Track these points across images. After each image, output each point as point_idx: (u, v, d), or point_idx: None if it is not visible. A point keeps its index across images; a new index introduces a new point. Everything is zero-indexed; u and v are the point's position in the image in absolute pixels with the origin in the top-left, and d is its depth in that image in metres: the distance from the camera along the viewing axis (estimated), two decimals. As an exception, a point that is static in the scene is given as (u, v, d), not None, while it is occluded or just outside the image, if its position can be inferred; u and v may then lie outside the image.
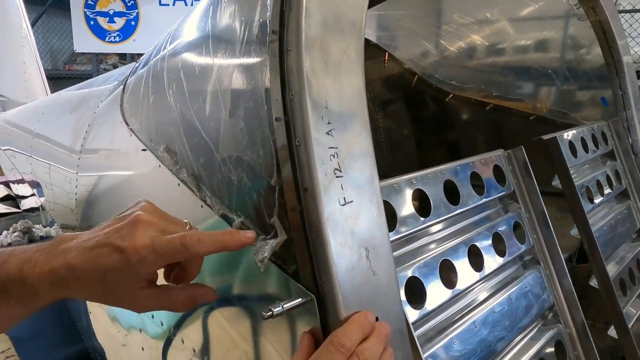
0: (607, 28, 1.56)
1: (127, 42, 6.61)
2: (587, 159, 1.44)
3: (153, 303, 0.63)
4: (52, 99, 2.31)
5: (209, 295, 0.66)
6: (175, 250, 0.60)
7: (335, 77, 0.62)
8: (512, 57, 1.98)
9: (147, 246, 0.59)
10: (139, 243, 0.59)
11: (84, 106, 1.67)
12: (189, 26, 0.99)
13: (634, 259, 1.47)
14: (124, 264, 0.59)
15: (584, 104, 1.88)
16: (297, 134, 0.59)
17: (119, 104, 1.21)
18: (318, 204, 0.58)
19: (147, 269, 0.60)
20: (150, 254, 0.59)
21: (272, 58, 0.62)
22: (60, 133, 1.78)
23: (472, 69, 2.04)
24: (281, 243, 0.62)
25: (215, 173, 0.75)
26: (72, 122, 1.66)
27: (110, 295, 0.62)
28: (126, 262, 0.59)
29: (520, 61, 1.97)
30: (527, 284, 1.08)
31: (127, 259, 0.58)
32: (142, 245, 0.59)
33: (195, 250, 0.60)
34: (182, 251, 0.60)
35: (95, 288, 0.61)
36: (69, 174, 1.49)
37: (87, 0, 6.53)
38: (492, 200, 1.11)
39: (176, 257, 0.61)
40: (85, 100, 1.71)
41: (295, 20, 0.60)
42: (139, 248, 0.58)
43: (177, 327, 0.97)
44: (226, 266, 0.74)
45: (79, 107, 1.71)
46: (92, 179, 1.31)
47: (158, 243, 0.60)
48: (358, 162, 0.63)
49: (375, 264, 0.63)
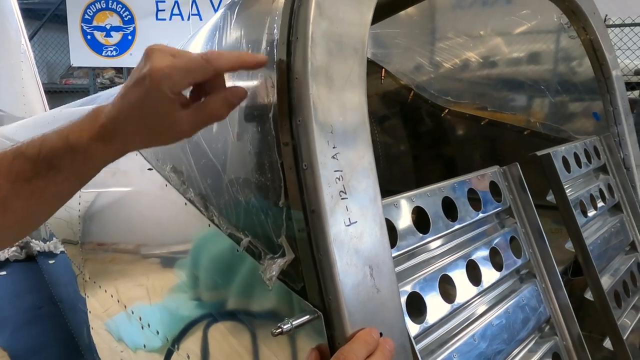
0: (597, 46, 1.60)
1: (124, 56, 6.66)
2: (581, 174, 1.48)
3: (195, 120, 0.63)
4: (53, 115, 2.33)
5: (240, 92, 0.65)
6: (199, 65, 0.61)
7: (339, 103, 0.65)
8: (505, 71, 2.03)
9: (168, 65, 0.59)
10: (159, 64, 0.59)
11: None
12: (193, 49, 1.02)
13: (627, 271, 1.50)
14: (151, 89, 0.59)
15: (576, 117, 1.93)
16: (305, 158, 0.61)
17: (123, 123, 1.24)
18: (325, 225, 0.61)
19: (174, 87, 0.60)
20: (173, 71, 0.59)
21: (279, 85, 0.65)
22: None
23: (467, 84, 2.08)
24: (289, 262, 0.65)
25: (223, 194, 0.77)
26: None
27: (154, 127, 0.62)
28: (152, 86, 0.59)
29: (514, 75, 2.02)
30: (524, 298, 1.10)
31: (152, 83, 0.59)
32: (163, 64, 0.59)
33: (218, 65, 0.61)
34: (205, 66, 0.61)
35: (139, 126, 0.62)
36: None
37: (85, 15, 6.59)
38: (489, 216, 1.14)
39: (200, 73, 0.61)
40: (87, 118, 1.73)
41: (301, 50, 0.63)
42: (160, 67, 0.59)
43: (179, 341, 0.98)
44: (234, 283, 0.76)
45: (82, 124, 1.73)
46: (96, 195, 1.34)
47: (179, 59, 0.60)
48: (362, 183, 0.66)
49: (378, 281, 0.65)
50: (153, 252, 1.05)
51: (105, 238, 1.32)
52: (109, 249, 1.28)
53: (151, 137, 0.64)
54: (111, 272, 1.26)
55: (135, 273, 1.14)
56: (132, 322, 1.18)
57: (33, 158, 0.62)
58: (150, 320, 1.10)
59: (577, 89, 1.90)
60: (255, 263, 0.72)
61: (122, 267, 1.20)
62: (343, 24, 0.68)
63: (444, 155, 2.15)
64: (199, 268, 0.86)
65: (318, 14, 0.65)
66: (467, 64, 2.04)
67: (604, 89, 1.67)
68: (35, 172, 0.62)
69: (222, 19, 0.92)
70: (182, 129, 0.63)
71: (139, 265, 1.12)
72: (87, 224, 1.38)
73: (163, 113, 0.61)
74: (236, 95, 0.64)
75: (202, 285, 0.85)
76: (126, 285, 1.20)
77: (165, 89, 0.59)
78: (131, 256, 1.14)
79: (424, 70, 2.08)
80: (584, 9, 1.52)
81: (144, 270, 1.09)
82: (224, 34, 0.87)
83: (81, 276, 1.54)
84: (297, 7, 0.66)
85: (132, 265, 1.14)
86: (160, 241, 1.00)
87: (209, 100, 0.64)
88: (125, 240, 1.17)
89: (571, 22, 1.57)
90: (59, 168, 0.62)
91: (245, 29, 0.80)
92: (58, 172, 0.62)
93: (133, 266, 1.14)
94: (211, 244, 0.81)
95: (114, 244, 1.26)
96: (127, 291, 1.20)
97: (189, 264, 0.89)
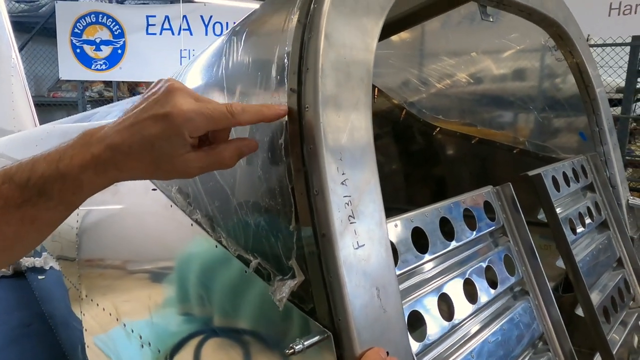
0: (583, 69, 1.67)
1: (114, 69, 6.66)
2: (569, 192, 1.53)
3: (203, 163, 0.63)
4: (46, 131, 2.33)
5: (252, 145, 0.67)
6: (223, 116, 0.62)
7: (348, 131, 0.68)
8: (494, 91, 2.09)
9: (193, 109, 0.59)
10: (185, 107, 0.59)
11: (83, 141, 1.70)
12: (198, 73, 1.05)
13: (615, 287, 1.55)
14: (170, 129, 0.59)
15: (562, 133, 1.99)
16: (315, 184, 0.64)
17: (125, 142, 1.25)
18: (335, 249, 0.63)
19: (194, 132, 0.60)
20: (198, 117, 0.60)
21: (290, 113, 0.68)
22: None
23: (457, 102, 2.14)
24: (299, 284, 0.67)
25: (232, 216, 0.79)
26: (72, 156, 1.69)
27: (160, 164, 0.61)
28: (172, 126, 0.59)
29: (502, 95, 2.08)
30: (517, 314, 1.14)
31: (173, 123, 0.59)
32: (188, 108, 0.59)
33: (241, 119, 0.63)
34: (228, 118, 0.62)
35: (144, 160, 0.60)
36: (70, 208, 1.52)
37: (74, 29, 6.59)
38: (484, 235, 1.17)
39: (222, 123, 0.62)
40: (84, 135, 1.74)
41: (312, 80, 0.66)
42: (185, 110, 0.59)
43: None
44: (241, 302, 0.78)
45: (78, 141, 1.74)
46: (97, 214, 1.35)
47: (206, 107, 0.61)
48: (368, 207, 0.69)
49: (385, 301, 0.68)
50: (156, 271, 1.06)
51: (106, 256, 1.33)
52: (109, 267, 1.29)
53: (153, 172, 0.63)
54: (111, 290, 1.27)
55: (137, 291, 1.15)
56: (132, 340, 1.19)
57: (22, 184, 0.60)
58: (151, 338, 1.11)
59: (562, 106, 1.97)
60: (264, 284, 0.74)
61: (123, 285, 1.21)
62: (350, 55, 0.71)
63: (435, 173, 2.19)
64: (205, 287, 0.88)
65: (327, 45, 0.68)
66: (457, 83, 2.09)
67: (590, 110, 1.74)
68: (25, 198, 0.60)
69: (227, 45, 0.95)
70: (188, 170, 0.63)
71: (141, 284, 1.13)
72: (86, 241, 1.39)
73: (174, 154, 0.61)
74: (249, 146, 0.66)
75: (209, 305, 0.87)
76: (127, 303, 1.21)
77: (185, 133, 0.60)
78: (133, 275, 1.15)
79: (415, 89, 2.13)
80: (570, 34, 1.58)
81: (146, 289, 1.10)
82: (230, 60, 0.90)
83: (77, 293, 1.54)
84: (307, 39, 0.69)
85: (134, 283, 1.15)
86: (165, 261, 1.02)
87: (222, 148, 0.65)
88: (127, 259, 1.18)
89: (558, 46, 1.64)
90: (49, 196, 0.60)
91: (253, 56, 0.83)
92: (48, 199, 0.60)
93: (135, 285, 1.15)
94: (218, 265, 0.83)
95: (114, 262, 1.27)
96: (127, 309, 1.20)
97: (195, 284, 0.90)
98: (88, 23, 6.58)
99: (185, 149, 0.61)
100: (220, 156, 0.64)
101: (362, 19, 0.74)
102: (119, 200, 1.20)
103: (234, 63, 0.88)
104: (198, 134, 0.62)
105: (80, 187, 0.61)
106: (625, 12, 4.69)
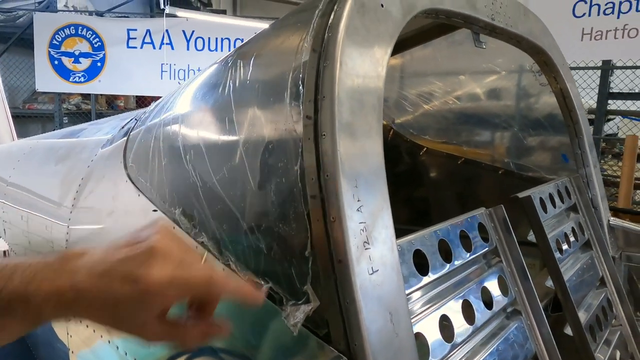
0: (566, 94, 1.73)
1: (93, 82, 6.57)
2: (555, 213, 1.57)
3: (163, 335, 0.60)
4: (29, 145, 2.28)
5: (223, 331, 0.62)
6: (201, 286, 0.58)
7: (362, 159, 0.70)
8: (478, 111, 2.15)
9: (167, 281, 0.56)
10: (157, 277, 0.55)
11: (73, 158, 1.68)
12: (200, 92, 1.06)
13: (599, 306, 1.59)
14: (138, 296, 0.56)
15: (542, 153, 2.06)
16: (332, 211, 0.65)
17: (121, 161, 1.24)
18: (351, 275, 0.64)
19: (164, 303, 0.58)
20: (170, 289, 0.56)
21: (306, 141, 0.69)
22: (44, 184, 1.77)
23: (444, 124, 2.18)
24: (314, 308, 0.68)
25: (241, 240, 0.80)
26: (60, 173, 1.66)
27: (119, 323, 0.59)
28: (140, 294, 0.55)
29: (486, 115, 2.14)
30: (512, 335, 1.16)
31: (141, 291, 0.55)
32: (160, 279, 0.56)
33: (220, 293, 0.60)
34: (207, 290, 0.59)
35: (104, 315, 0.58)
36: (59, 226, 1.49)
37: (52, 40, 6.49)
38: (478, 256, 1.20)
39: (198, 292, 0.59)
40: (74, 152, 1.72)
41: (329, 108, 0.68)
42: (156, 281, 0.55)
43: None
44: (251, 327, 0.78)
45: (67, 158, 1.72)
46: (89, 233, 1.32)
47: (182, 276, 0.57)
48: (382, 233, 0.70)
49: (397, 326, 0.69)
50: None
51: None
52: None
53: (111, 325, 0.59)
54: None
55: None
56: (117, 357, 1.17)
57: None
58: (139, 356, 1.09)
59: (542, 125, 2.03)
60: (274, 308, 0.74)
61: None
62: (364, 83, 0.73)
63: (421, 193, 2.23)
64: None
65: (343, 74, 0.70)
66: (444, 104, 2.15)
67: (573, 133, 1.80)
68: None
69: (232, 67, 0.96)
70: (147, 333, 0.59)
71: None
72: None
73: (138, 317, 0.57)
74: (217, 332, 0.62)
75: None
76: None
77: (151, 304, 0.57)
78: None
79: (404, 110, 2.17)
80: (555, 61, 1.65)
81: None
82: (237, 82, 0.91)
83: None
84: (322, 67, 0.71)
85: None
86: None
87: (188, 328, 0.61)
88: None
89: (544, 72, 1.70)
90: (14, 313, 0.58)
91: (264, 81, 0.84)
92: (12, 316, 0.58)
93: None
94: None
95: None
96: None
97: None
98: (67, 35, 6.50)
99: (150, 316, 0.58)
100: (183, 337, 0.61)
101: (374, 48, 0.77)
102: (115, 221, 1.19)
103: (242, 86, 0.88)
104: (169, 305, 0.59)
105: (40, 315, 0.58)
106: (596, 38, 4.90)
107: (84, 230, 1.37)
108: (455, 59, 2.01)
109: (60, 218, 1.51)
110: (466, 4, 1.11)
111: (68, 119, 7.23)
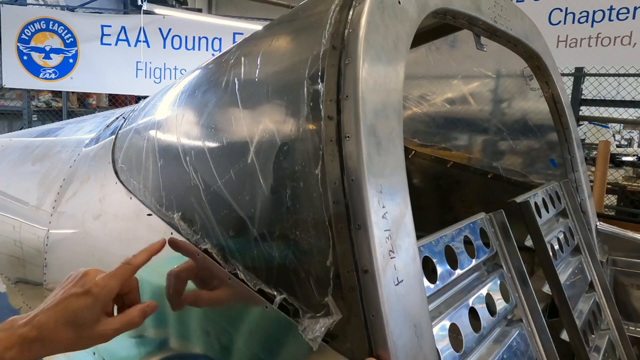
0: (557, 100, 1.74)
1: (64, 79, 6.33)
2: (548, 218, 1.57)
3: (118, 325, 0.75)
4: (1, 144, 2.16)
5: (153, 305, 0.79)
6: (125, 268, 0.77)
7: (386, 162, 0.66)
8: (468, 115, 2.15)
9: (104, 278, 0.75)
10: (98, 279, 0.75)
11: (52, 157, 1.59)
12: (201, 90, 1.00)
13: (590, 311, 1.59)
14: (92, 300, 0.73)
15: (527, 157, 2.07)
16: (357, 218, 0.61)
17: (109, 162, 1.17)
18: (377, 286, 0.60)
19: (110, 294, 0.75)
20: (110, 280, 0.75)
21: (328, 143, 0.65)
22: (19, 184, 1.67)
23: (433, 127, 2.17)
24: (336, 322, 0.63)
25: (250, 247, 0.75)
26: (38, 174, 1.57)
27: (82, 332, 0.73)
28: (94, 297, 0.73)
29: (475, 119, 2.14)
30: (515, 342, 1.14)
31: (94, 294, 0.73)
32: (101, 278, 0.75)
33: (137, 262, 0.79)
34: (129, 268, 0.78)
35: (68, 332, 0.72)
36: (37, 229, 1.40)
37: (21, 35, 6.24)
38: (479, 262, 1.18)
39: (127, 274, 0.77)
40: (52, 151, 1.63)
41: (353, 109, 0.64)
42: (99, 282, 0.74)
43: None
44: (266, 342, 0.73)
45: (45, 157, 1.63)
46: (74, 237, 1.25)
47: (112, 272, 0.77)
48: (405, 241, 0.66)
49: (421, 340, 0.66)
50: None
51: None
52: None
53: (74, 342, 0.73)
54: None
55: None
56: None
57: None
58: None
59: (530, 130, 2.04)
60: (288, 321, 0.69)
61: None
62: (385, 83, 0.70)
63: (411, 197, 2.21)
64: (213, 321, 0.82)
65: (367, 73, 0.66)
66: (434, 107, 2.13)
67: (563, 139, 1.81)
68: None
69: (235, 64, 0.90)
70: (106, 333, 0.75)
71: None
72: (60, 265, 1.28)
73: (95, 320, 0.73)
74: (150, 306, 0.79)
75: (221, 341, 0.81)
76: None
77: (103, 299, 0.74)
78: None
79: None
80: (547, 66, 1.65)
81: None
82: (242, 81, 0.86)
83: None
84: (344, 65, 0.67)
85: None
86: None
87: (131, 311, 0.77)
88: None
89: (536, 76, 1.70)
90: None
91: (276, 80, 0.79)
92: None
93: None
94: (232, 298, 0.78)
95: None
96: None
97: (200, 317, 0.84)
98: (37, 29, 6.25)
99: (103, 315, 0.75)
100: (131, 317, 0.77)
101: (394, 46, 0.73)
102: (103, 224, 1.12)
103: (250, 84, 0.84)
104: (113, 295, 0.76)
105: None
106: (571, 45, 5.01)
107: (66, 235, 1.29)
108: (446, 63, 2.00)
109: (39, 222, 1.42)
110: (472, 4, 1.09)
111: (37, 116, 6.97)
